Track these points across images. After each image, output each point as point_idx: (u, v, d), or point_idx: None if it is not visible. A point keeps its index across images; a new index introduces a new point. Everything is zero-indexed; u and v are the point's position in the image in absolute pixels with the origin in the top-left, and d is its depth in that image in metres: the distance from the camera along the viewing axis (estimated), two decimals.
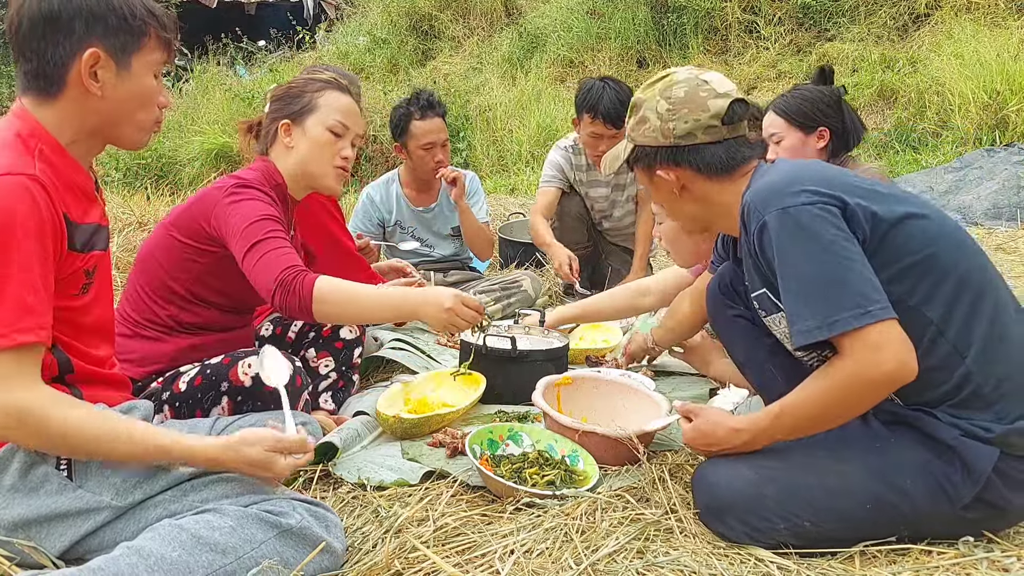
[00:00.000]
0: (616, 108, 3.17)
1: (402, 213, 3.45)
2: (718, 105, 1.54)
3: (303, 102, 1.99)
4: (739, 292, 1.79)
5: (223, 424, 1.74)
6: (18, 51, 1.32)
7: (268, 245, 1.76)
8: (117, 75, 1.34)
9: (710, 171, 1.57)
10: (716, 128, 1.55)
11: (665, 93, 1.58)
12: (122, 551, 1.22)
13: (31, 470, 1.30)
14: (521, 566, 1.37)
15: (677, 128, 1.56)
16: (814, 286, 1.33)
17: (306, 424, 1.83)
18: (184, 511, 1.31)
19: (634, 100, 1.66)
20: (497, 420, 2.13)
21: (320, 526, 1.33)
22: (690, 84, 1.57)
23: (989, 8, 7.23)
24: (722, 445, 1.51)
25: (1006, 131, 5.85)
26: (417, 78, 9.60)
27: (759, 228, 1.40)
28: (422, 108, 3.22)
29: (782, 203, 1.37)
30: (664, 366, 2.60)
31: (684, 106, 1.55)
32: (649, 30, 8.79)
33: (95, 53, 1.31)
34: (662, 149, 1.59)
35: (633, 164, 1.68)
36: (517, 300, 3.37)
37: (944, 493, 1.37)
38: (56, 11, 1.29)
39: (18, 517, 1.30)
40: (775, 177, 1.45)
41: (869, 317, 1.28)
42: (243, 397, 1.81)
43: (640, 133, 1.63)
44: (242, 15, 12.17)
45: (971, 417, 1.36)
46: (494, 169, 7.63)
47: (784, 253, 1.36)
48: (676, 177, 1.59)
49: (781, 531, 1.42)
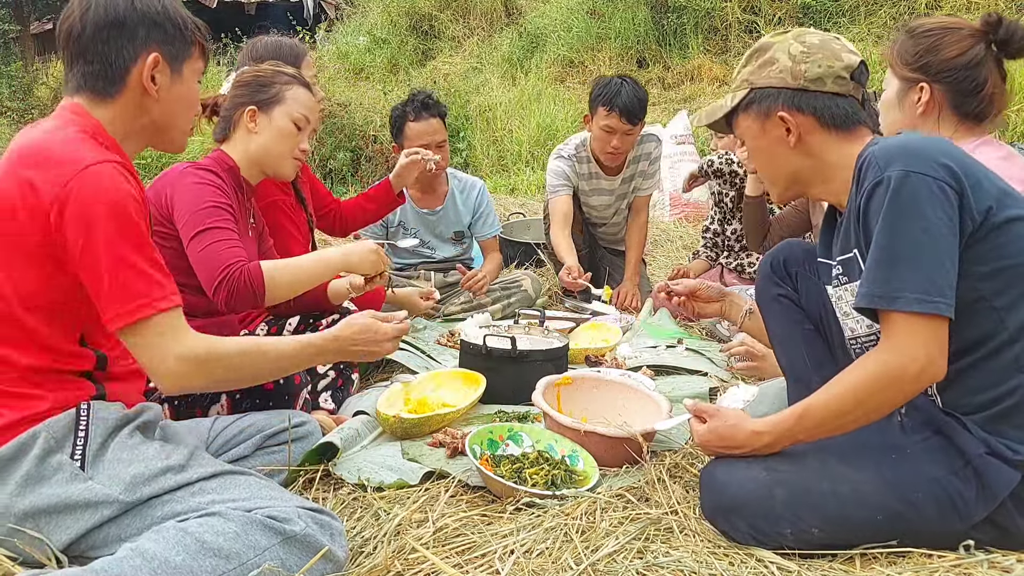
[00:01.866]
0: (633, 104, 3.17)
1: (406, 214, 3.43)
2: (851, 59, 1.51)
3: (272, 92, 2.09)
4: (789, 273, 1.78)
5: (222, 424, 1.75)
6: (78, 54, 1.41)
7: (213, 236, 1.83)
8: (171, 79, 1.47)
9: (833, 122, 1.51)
10: (845, 81, 1.51)
11: (800, 38, 1.54)
12: (125, 553, 1.22)
13: (47, 458, 1.32)
14: (521, 566, 1.37)
15: (809, 71, 1.50)
16: (899, 258, 1.31)
17: (305, 424, 1.84)
18: (190, 511, 1.32)
19: (759, 44, 1.59)
20: (497, 420, 2.13)
21: (324, 534, 1.34)
22: (824, 35, 1.54)
23: (989, 8, 7.23)
24: (742, 448, 1.49)
25: (1006, 131, 5.84)
26: (417, 78, 9.60)
27: (875, 182, 1.35)
28: (416, 109, 3.21)
29: (909, 165, 1.32)
30: (664, 365, 2.60)
31: (819, 51, 1.51)
32: (649, 30, 8.79)
33: (157, 57, 1.43)
34: (787, 91, 1.53)
35: (745, 109, 1.59)
36: (517, 300, 3.38)
37: (955, 510, 1.35)
38: (122, 18, 1.40)
39: (30, 506, 1.30)
40: (908, 140, 1.40)
41: (931, 307, 1.28)
42: (241, 395, 1.81)
43: (764, 75, 1.55)
44: (242, 15, 12.17)
45: (1002, 434, 1.34)
46: (494, 169, 7.63)
47: (891, 215, 1.32)
48: (797, 123, 1.53)
49: (787, 536, 1.41)
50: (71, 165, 1.30)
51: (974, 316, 1.34)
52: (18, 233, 1.31)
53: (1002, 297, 1.34)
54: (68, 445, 1.33)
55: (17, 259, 1.33)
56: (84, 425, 1.35)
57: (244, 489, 1.37)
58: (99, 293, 1.31)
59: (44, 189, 1.29)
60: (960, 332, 1.33)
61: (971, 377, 1.35)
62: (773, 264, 1.82)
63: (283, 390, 1.84)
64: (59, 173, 1.29)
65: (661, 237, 4.93)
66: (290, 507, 1.33)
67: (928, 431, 1.42)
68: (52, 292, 1.35)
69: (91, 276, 1.31)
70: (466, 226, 3.52)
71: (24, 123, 11.24)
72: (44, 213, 1.29)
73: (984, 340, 1.34)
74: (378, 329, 1.65)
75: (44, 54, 15.73)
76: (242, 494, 1.36)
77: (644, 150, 3.55)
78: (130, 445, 1.37)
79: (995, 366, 1.35)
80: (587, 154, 3.45)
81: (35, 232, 1.30)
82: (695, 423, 1.57)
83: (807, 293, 1.76)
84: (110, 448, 1.36)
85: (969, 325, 1.34)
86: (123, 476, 1.33)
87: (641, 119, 3.26)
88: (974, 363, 1.36)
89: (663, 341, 2.89)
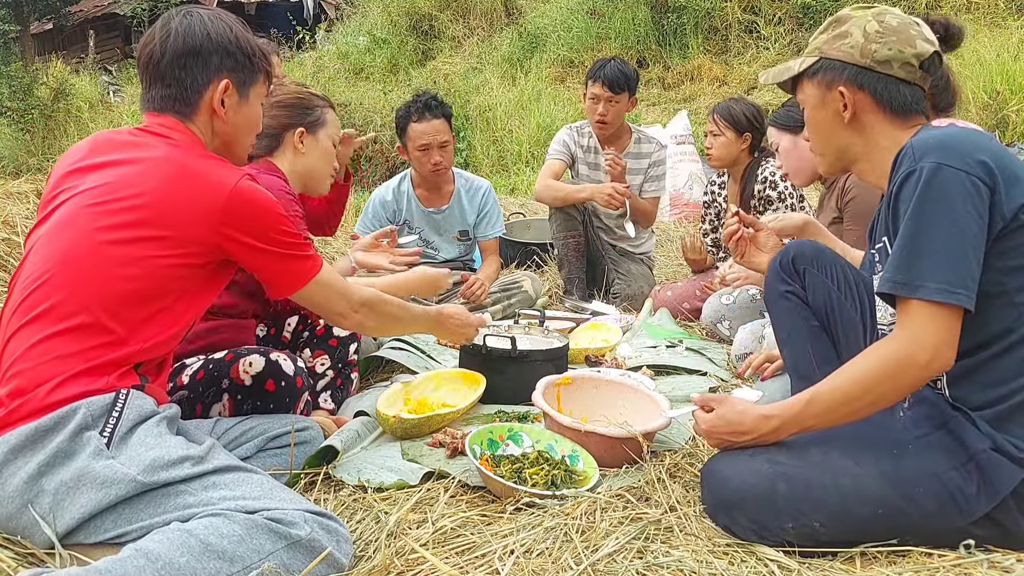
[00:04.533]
0: (616, 74, 3.42)
1: (412, 212, 3.46)
2: (924, 48, 1.50)
3: (315, 115, 2.28)
4: (797, 270, 1.79)
5: (224, 427, 1.75)
6: (156, 77, 1.55)
7: None
8: (238, 103, 1.61)
9: (891, 106, 1.52)
10: (913, 68, 1.51)
11: (879, 16, 1.53)
12: (129, 553, 1.22)
13: (80, 433, 1.32)
14: (521, 566, 1.37)
15: (879, 52, 1.50)
16: (924, 247, 1.32)
17: (307, 429, 1.86)
18: (200, 505, 1.32)
19: (839, 15, 1.59)
20: (497, 420, 2.13)
21: (330, 539, 1.34)
22: (903, 19, 1.54)
23: (989, 8, 7.24)
24: (750, 434, 1.49)
25: (1006, 131, 5.85)
26: (417, 78, 9.61)
27: (908, 172, 1.36)
28: (419, 110, 3.24)
29: (944, 158, 1.33)
30: (664, 365, 2.60)
31: (894, 34, 1.51)
32: (649, 30, 8.80)
33: (227, 83, 1.57)
34: (853, 68, 1.53)
35: (810, 76, 1.60)
36: (517, 300, 3.38)
37: (955, 505, 1.35)
38: (199, 46, 1.54)
39: (51, 481, 1.30)
40: (950, 133, 1.40)
41: (953, 297, 1.29)
42: (243, 396, 1.81)
43: (835, 47, 1.56)
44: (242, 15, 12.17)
45: (1009, 431, 1.35)
46: (494, 169, 7.63)
47: (919, 205, 1.33)
48: (855, 101, 1.54)
49: (788, 531, 1.41)
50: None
51: (994, 310, 1.34)
52: None
53: (1022, 294, 1.35)
54: (101, 423, 1.35)
55: None
56: (120, 408, 1.37)
57: (256, 487, 1.38)
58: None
59: None
60: (978, 326, 1.34)
61: (984, 372, 1.35)
62: (782, 262, 1.82)
63: (285, 392, 1.84)
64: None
65: (661, 237, 4.93)
66: (297, 511, 1.33)
67: (930, 426, 1.42)
68: None
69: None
70: (471, 226, 3.54)
71: (24, 123, 11.28)
72: None
73: (1001, 335, 1.35)
74: (468, 316, 2.19)
75: (44, 54, 15.75)
76: (253, 492, 1.36)
77: (644, 149, 3.58)
78: (156, 433, 1.39)
79: (1009, 362, 1.35)
80: (589, 129, 3.65)
81: None
82: (700, 414, 1.57)
83: (814, 291, 1.76)
84: (136, 433, 1.37)
85: (988, 319, 1.35)
86: (144, 459, 1.34)
87: (624, 90, 3.46)
88: (988, 358, 1.36)
89: (663, 341, 2.89)
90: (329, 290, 1.64)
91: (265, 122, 2.15)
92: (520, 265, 4.14)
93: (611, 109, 3.47)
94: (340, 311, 1.69)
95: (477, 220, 3.53)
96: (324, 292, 1.63)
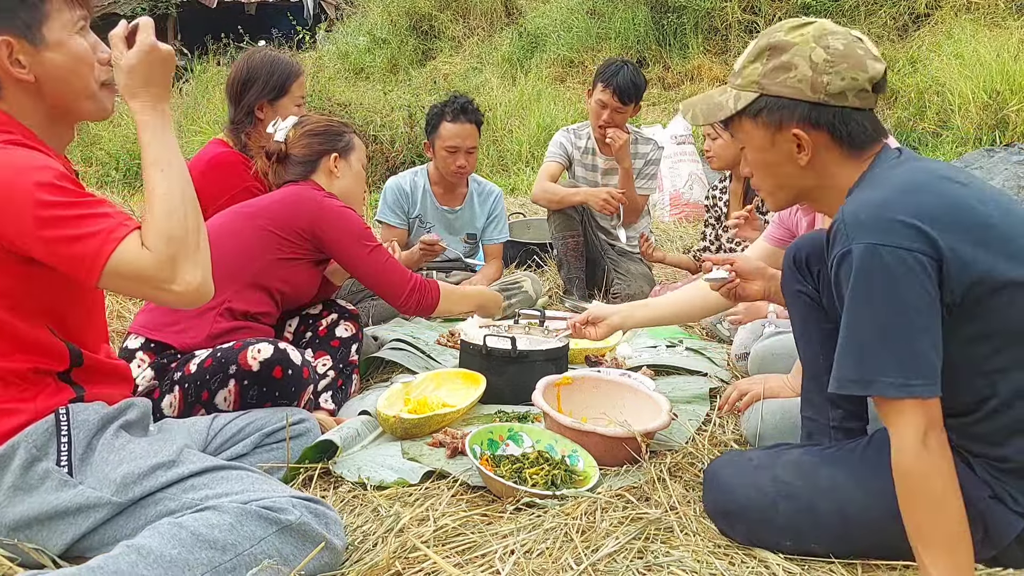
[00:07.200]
0: (628, 85, 3.34)
1: (426, 208, 3.52)
2: (875, 69, 1.34)
3: (345, 141, 2.42)
4: (811, 270, 1.69)
5: (221, 423, 1.75)
6: None
7: (385, 252, 2.31)
8: (37, 53, 1.31)
9: (850, 142, 1.36)
10: (868, 95, 1.35)
11: (822, 41, 1.35)
12: (121, 549, 1.22)
13: (32, 467, 1.30)
14: (521, 566, 1.37)
15: (832, 84, 1.33)
16: (868, 341, 1.22)
17: (303, 421, 1.86)
18: (184, 508, 1.32)
19: (772, 42, 1.39)
20: (497, 420, 2.13)
21: (320, 523, 1.34)
22: (847, 38, 1.36)
23: (989, 8, 7.24)
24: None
25: (1006, 131, 5.85)
26: (417, 78, 9.60)
27: (841, 255, 1.24)
28: (455, 111, 3.31)
29: (878, 237, 1.20)
30: (664, 365, 2.60)
31: (844, 60, 1.33)
32: (649, 30, 8.79)
33: (6, 41, 1.29)
34: (805, 105, 1.35)
35: (751, 116, 1.42)
36: (517, 300, 3.38)
37: None
38: None
39: (20, 516, 1.30)
40: (883, 200, 1.26)
41: (906, 391, 1.18)
42: (249, 381, 1.82)
43: (779, 81, 1.37)
44: (242, 15, 12.17)
45: (1006, 482, 1.29)
46: (494, 169, 7.62)
47: (857, 292, 1.22)
48: (811, 141, 1.37)
49: (786, 547, 1.41)
50: None
51: (965, 381, 1.26)
52: None
53: (994, 362, 1.25)
54: (52, 452, 1.32)
55: None
56: (66, 430, 1.33)
57: (236, 483, 1.37)
58: None
59: None
60: (953, 396, 1.24)
61: (971, 435, 1.29)
62: (796, 259, 1.71)
63: (291, 382, 1.85)
64: None
65: (661, 237, 4.93)
66: (284, 497, 1.33)
67: None
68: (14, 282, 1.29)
69: None
70: (479, 229, 3.62)
71: None
72: None
73: (977, 406, 1.27)
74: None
75: None
76: (235, 488, 1.35)
77: (640, 150, 3.59)
78: (117, 446, 1.37)
79: (993, 427, 1.28)
80: (587, 131, 3.62)
81: None
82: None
83: (828, 292, 1.72)
84: (96, 450, 1.35)
85: (960, 391, 1.26)
86: (113, 477, 1.32)
87: (633, 102, 3.42)
88: (972, 423, 1.29)
89: (663, 341, 2.89)
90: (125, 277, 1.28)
91: (297, 151, 2.34)
92: (520, 265, 4.14)
93: (616, 118, 3.43)
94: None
95: (486, 223, 3.61)
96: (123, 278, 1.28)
